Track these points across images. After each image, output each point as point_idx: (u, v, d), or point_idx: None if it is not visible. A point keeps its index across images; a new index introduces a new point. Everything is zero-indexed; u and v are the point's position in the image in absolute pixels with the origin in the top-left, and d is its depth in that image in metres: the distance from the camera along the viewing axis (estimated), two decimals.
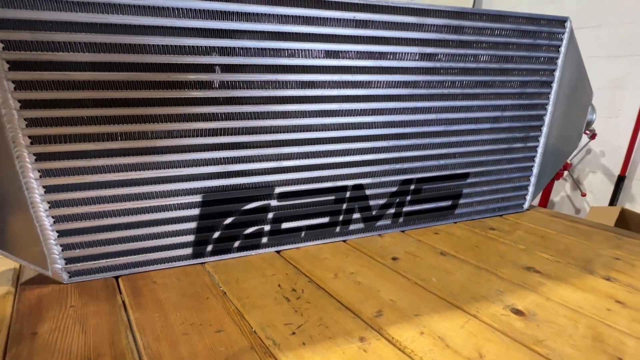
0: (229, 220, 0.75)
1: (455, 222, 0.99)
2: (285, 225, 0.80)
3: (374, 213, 0.88)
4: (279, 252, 0.80)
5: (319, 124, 0.76)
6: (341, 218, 0.85)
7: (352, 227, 0.87)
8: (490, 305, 0.63)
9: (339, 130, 0.78)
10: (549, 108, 0.99)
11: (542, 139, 1.02)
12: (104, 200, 0.65)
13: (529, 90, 0.95)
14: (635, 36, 1.97)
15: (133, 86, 0.61)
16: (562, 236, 0.93)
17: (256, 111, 0.70)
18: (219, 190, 0.72)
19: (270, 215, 0.78)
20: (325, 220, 0.83)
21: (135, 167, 0.65)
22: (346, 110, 0.78)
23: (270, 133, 0.73)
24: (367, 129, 0.81)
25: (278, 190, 0.77)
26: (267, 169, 0.75)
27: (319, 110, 0.75)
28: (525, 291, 0.68)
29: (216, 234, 0.74)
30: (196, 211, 0.72)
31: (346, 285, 0.68)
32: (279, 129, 0.73)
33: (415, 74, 0.81)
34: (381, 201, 0.88)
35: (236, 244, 0.77)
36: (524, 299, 0.65)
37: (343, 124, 0.78)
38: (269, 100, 0.71)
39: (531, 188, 1.07)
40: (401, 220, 0.92)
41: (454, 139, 0.91)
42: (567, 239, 0.92)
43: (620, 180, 2.07)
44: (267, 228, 0.78)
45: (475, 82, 0.88)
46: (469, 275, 0.73)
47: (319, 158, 0.78)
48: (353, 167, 0.82)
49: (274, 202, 0.77)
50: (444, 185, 0.94)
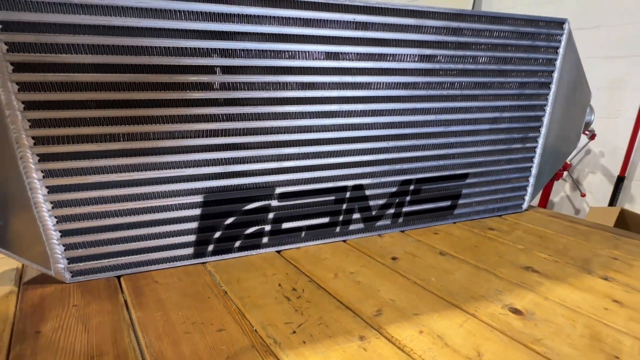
0: (229, 221, 0.75)
1: (454, 222, 1.00)
2: (285, 226, 0.80)
3: (373, 213, 0.89)
4: (279, 252, 0.81)
5: (319, 125, 0.77)
6: (341, 218, 0.86)
7: (352, 227, 0.87)
8: (488, 305, 0.64)
9: (339, 131, 0.79)
10: (548, 109, 0.99)
11: (541, 140, 1.02)
12: (106, 201, 0.66)
13: (527, 91, 0.95)
14: (634, 37, 1.97)
15: (135, 88, 0.62)
16: (560, 236, 0.94)
17: (257, 112, 0.71)
18: (220, 191, 0.73)
19: (271, 216, 0.78)
20: (326, 220, 0.84)
21: (137, 167, 0.66)
22: (346, 111, 0.78)
23: (270, 134, 0.73)
24: (367, 129, 0.82)
25: (278, 190, 0.77)
26: (268, 169, 0.75)
27: (319, 111, 0.76)
28: (524, 291, 0.69)
29: (217, 234, 0.75)
30: (197, 211, 0.72)
31: (346, 284, 0.68)
32: (279, 129, 0.74)
33: (415, 76, 0.82)
34: (381, 201, 0.89)
35: (237, 243, 0.77)
36: (522, 299, 0.66)
37: (343, 124, 0.79)
38: (269, 101, 0.71)
39: (530, 188, 1.07)
40: (401, 220, 0.92)
41: (453, 139, 0.91)
42: (566, 239, 0.93)
43: (620, 181, 2.07)
44: (267, 228, 0.79)
45: (474, 84, 0.88)
46: (468, 275, 0.73)
47: (319, 159, 0.79)
48: (353, 168, 0.83)
49: (274, 203, 0.78)
50: (443, 185, 0.95)
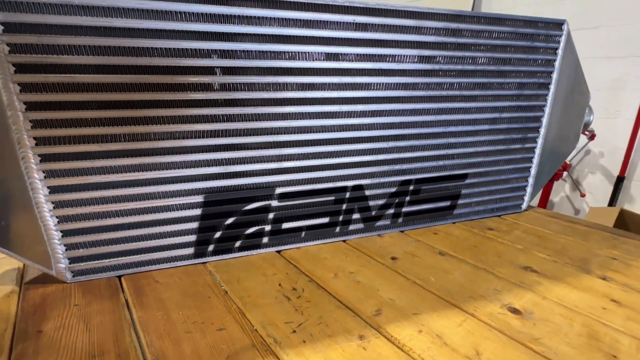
0: (230, 221, 0.75)
1: (454, 223, 1.00)
2: (285, 226, 0.81)
3: (373, 213, 0.89)
4: (279, 252, 0.81)
5: (318, 126, 0.77)
6: (341, 218, 0.86)
7: (351, 227, 0.88)
8: (487, 304, 0.64)
9: (338, 132, 0.79)
10: (547, 110, 0.99)
11: (540, 140, 1.02)
12: (107, 201, 0.66)
13: (526, 92, 0.95)
14: (633, 37, 1.98)
15: (136, 88, 0.62)
16: (559, 236, 0.94)
17: (257, 113, 0.71)
18: (220, 191, 0.73)
19: (271, 216, 0.79)
20: (325, 220, 0.84)
21: (138, 167, 0.66)
22: (346, 111, 0.79)
23: (270, 134, 0.74)
24: (367, 130, 0.82)
25: (278, 190, 0.78)
26: (268, 169, 0.75)
27: (319, 112, 0.76)
28: (522, 290, 0.69)
29: (217, 234, 0.75)
30: (198, 211, 0.72)
31: (346, 284, 0.69)
32: (279, 130, 0.74)
33: (414, 76, 0.82)
34: (380, 202, 0.89)
35: (237, 243, 0.77)
36: (521, 298, 0.66)
37: (343, 125, 0.79)
38: (269, 102, 0.72)
39: (529, 189, 1.07)
40: (400, 220, 0.93)
41: (452, 140, 0.92)
42: (565, 239, 0.93)
43: (620, 181, 2.08)
44: (267, 228, 0.79)
45: (473, 84, 0.89)
46: (467, 275, 0.74)
47: (319, 159, 0.79)
48: (353, 168, 0.83)
49: (274, 203, 0.78)
50: (442, 185, 0.95)
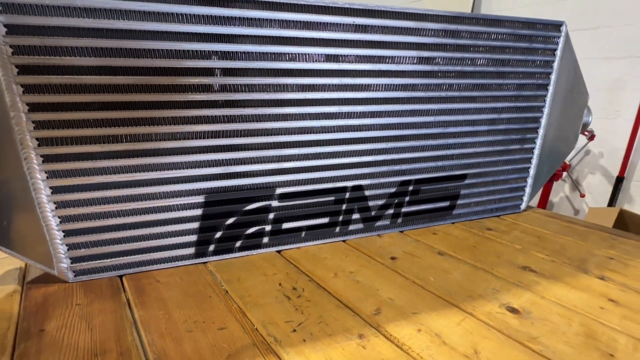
0: (230, 221, 0.76)
1: (453, 223, 1.01)
2: (285, 226, 0.81)
3: (373, 213, 0.90)
4: (279, 251, 0.82)
5: (319, 126, 0.78)
6: (341, 218, 0.86)
7: (351, 227, 0.88)
8: (486, 304, 0.65)
9: (338, 132, 0.80)
10: (545, 110, 1.00)
11: (539, 141, 1.03)
12: (108, 201, 0.66)
13: (525, 93, 0.96)
14: (633, 38, 1.98)
15: (138, 89, 0.63)
16: (558, 236, 0.95)
17: (257, 114, 0.72)
18: (221, 191, 0.74)
19: (271, 216, 0.79)
20: (325, 220, 0.85)
21: (139, 168, 0.67)
22: (346, 112, 0.79)
23: (271, 135, 0.74)
24: (366, 131, 0.82)
25: (279, 191, 0.78)
26: (268, 170, 0.76)
27: (319, 113, 0.77)
28: (521, 290, 0.70)
29: (218, 234, 0.76)
30: (199, 211, 0.73)
31: (346, 284, 0.69)
32: (279, 131, 0.75)
33: (414, 77, 0.83)
34: (380, 202, 0.89)
35: (238, 243, 0.78)
36: (519, 298, 0.67)
37: (342, 126, 0.80)
38: (270, 102, 0.72)
39: (528, 189, 1.08)
40: (400, 220, 0.93)
41: (451, 140, 0.92)
42: (563, 239, 0.94)
43: (619, 181, 2.08)
44: (268, 228, 0.80)
45: (472, 85, 0.89)
46: (466, 275, 0.74)
47: (319, 159, 0.80)
48: (352, 169, 0.84)
49: (274, 203, 0.79)
50: (442, 186, 0.95)
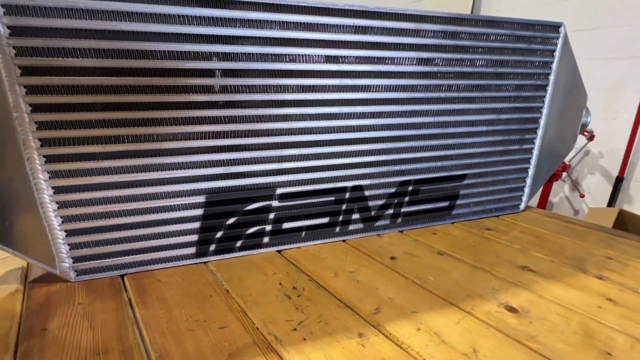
0: (231, 221, 0.76)
1: (452, 223, 1.01)
2: (286, 226, 0.82)
3: (372, 214, 0.90)
4: (280, 251, 0.82)
5: (319, 127, 0.78)
6: (341, 218, 0.87)
7: (351, 227, 0.89)
8: (485, 303, 0.65)
9: (338, 133, 0.80)
10: (544, 111, 1.00)
11: (538, 141, 1.03)
12: (110, 201, 0.67)
13: (524, 93, 0.97)
14: (632, 38, 1.99)
15: (139, 90, 0.63)
16: (556, 236, 0.95)
17: (258, 114, 0.72)
18: (221, 191, 0.74)
19: (272, 216, 0.80)
20: (325, 220, 0.85)
21: (141, 168, 0.67)
22: (346, 113, 0.80)
23: (271, 136, 0.75)
24: (366, 131, 0.83)
25: (279, 191, 0.79)
26: (269, 170, 0.76)
27: (319, 114, 0.77)
28: (520, 289, 0.70)
29: (219, 234, 0.76)
30: (199, 211, 0.73)
31: (346, 283, 0.70)
32: (280, 131, 0.75)
33: (413, 78, 0.83)
34: (380, 202, 0.90)
35: (238, 243, 0.78)
36: (517, 297, 0.67)
37: (342, 126, 0.80)
38: (270, 103, 0.73)
39: (527, 189, 1.08)
40: (399, 220, 0.94)
41: (451, 141, 0.93)
42: (562, 239, 0.94)
43: (619, 182, 2.09)
44: (268, 228, 0.80)
45: (471, 86, 0.90)
46: (465, 274, 0.75)
47: (319, 160, 0.80)
48: (352, 169, 0.84)
49: (275, 203, 0.79)
50: (441, 186, 0.96)
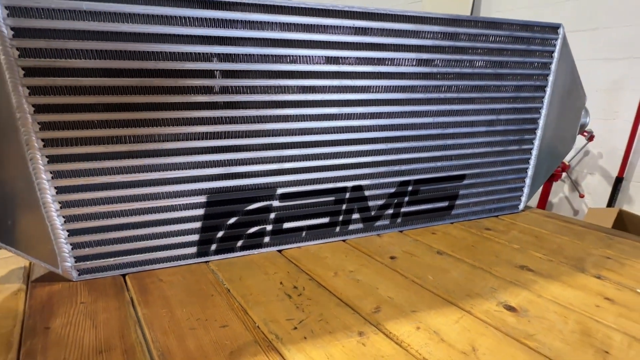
0: (232, 220, 0.77)
1: (452, 223, 1.02)
2: (286, 225, 0.82)
3: (372, 213, 0.91)
4: (280, 251, 0.83)
5: (319, 127, 0.79)
6: (341, 218, 0.87)
7: (351, 227, 0.89)
8: (484, 302, 0.66)
9: (338, 133, 0.81)
10: (543, 112, 1.01)
11: (537, 142, 1.04)
12: (112, 201, 0.67)
13: (523, 94, 0.97)
14: (632, 38, 1.99)
15: (141, 91, 0.64)
16: (555, 236, 0.96)
17: (259, 115, 0.73)
18: (222, 191, 0.75)
19: (272, 216, 0.80)
20: (326, 220, 0.86)
21: (142, 168, 0.68)
22: (346, 113, 0.80)
23: (272, 136, 0.75)
24: (366, 132, 0.83)
25: (280, 191, 0.79)
26: (269, 170, 0.77)
27: (319, 114, 0.78)
28: (518, 289, 0.71)
29: (220, 234, 0.77)
30: (201, 211, 0.74)
31: (346, 282, 0.70)
32: (280, 132, 0.76)
33: (413, 79, 0.84)
34: (380, 202, 0.90)
35: (239, 243, 0.79)
36: (516, 296, 0.68)
37: (343, 127, 0.81)
38: (271, 104, 0.73)
39: (526, 189, 1.09)
40: (399, 220, 0.94)
41: (450, 141, 0.93)
42: (560, 238, 0.94)
43: (618, 182, 2.09)
44: (269, 228, 0.81)
45: (470, 87, 0.90)
46: (464, 274, 0.75)
47: (319, 160, 0.81)
48: (352, 169, 0.85)
49: (275, 203, 0.80)
50: (441, 186, 0.96)
